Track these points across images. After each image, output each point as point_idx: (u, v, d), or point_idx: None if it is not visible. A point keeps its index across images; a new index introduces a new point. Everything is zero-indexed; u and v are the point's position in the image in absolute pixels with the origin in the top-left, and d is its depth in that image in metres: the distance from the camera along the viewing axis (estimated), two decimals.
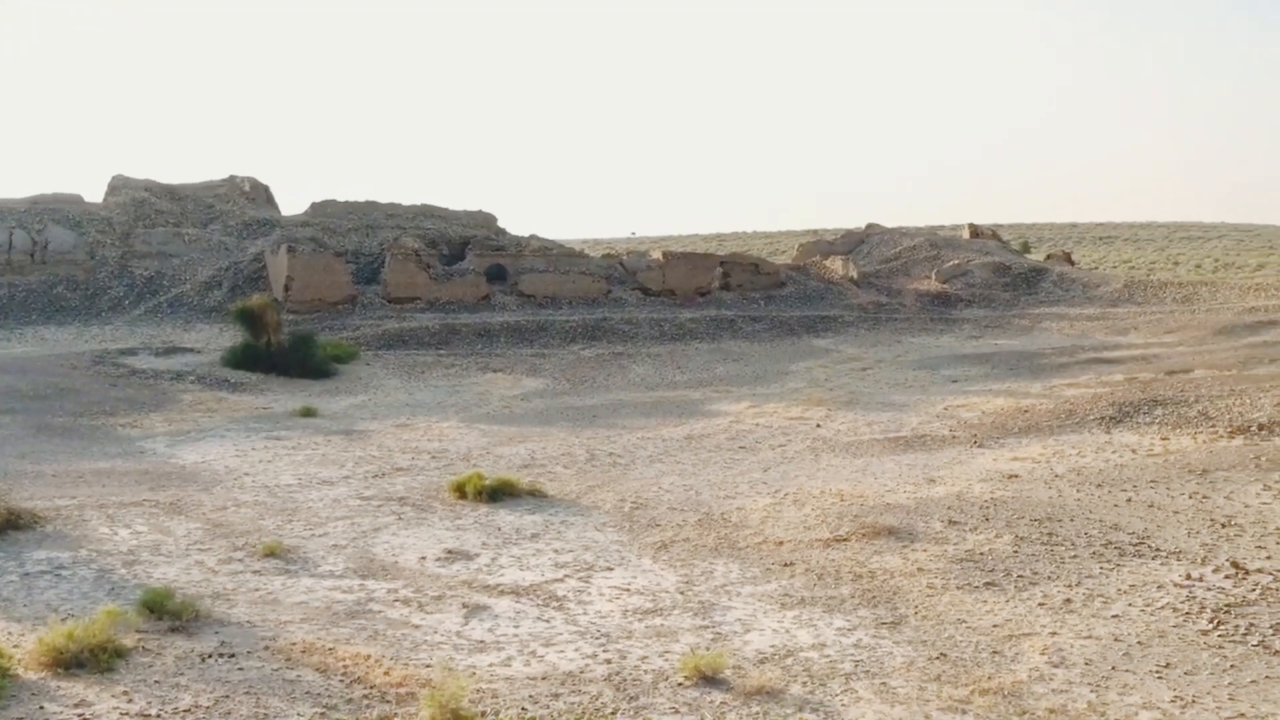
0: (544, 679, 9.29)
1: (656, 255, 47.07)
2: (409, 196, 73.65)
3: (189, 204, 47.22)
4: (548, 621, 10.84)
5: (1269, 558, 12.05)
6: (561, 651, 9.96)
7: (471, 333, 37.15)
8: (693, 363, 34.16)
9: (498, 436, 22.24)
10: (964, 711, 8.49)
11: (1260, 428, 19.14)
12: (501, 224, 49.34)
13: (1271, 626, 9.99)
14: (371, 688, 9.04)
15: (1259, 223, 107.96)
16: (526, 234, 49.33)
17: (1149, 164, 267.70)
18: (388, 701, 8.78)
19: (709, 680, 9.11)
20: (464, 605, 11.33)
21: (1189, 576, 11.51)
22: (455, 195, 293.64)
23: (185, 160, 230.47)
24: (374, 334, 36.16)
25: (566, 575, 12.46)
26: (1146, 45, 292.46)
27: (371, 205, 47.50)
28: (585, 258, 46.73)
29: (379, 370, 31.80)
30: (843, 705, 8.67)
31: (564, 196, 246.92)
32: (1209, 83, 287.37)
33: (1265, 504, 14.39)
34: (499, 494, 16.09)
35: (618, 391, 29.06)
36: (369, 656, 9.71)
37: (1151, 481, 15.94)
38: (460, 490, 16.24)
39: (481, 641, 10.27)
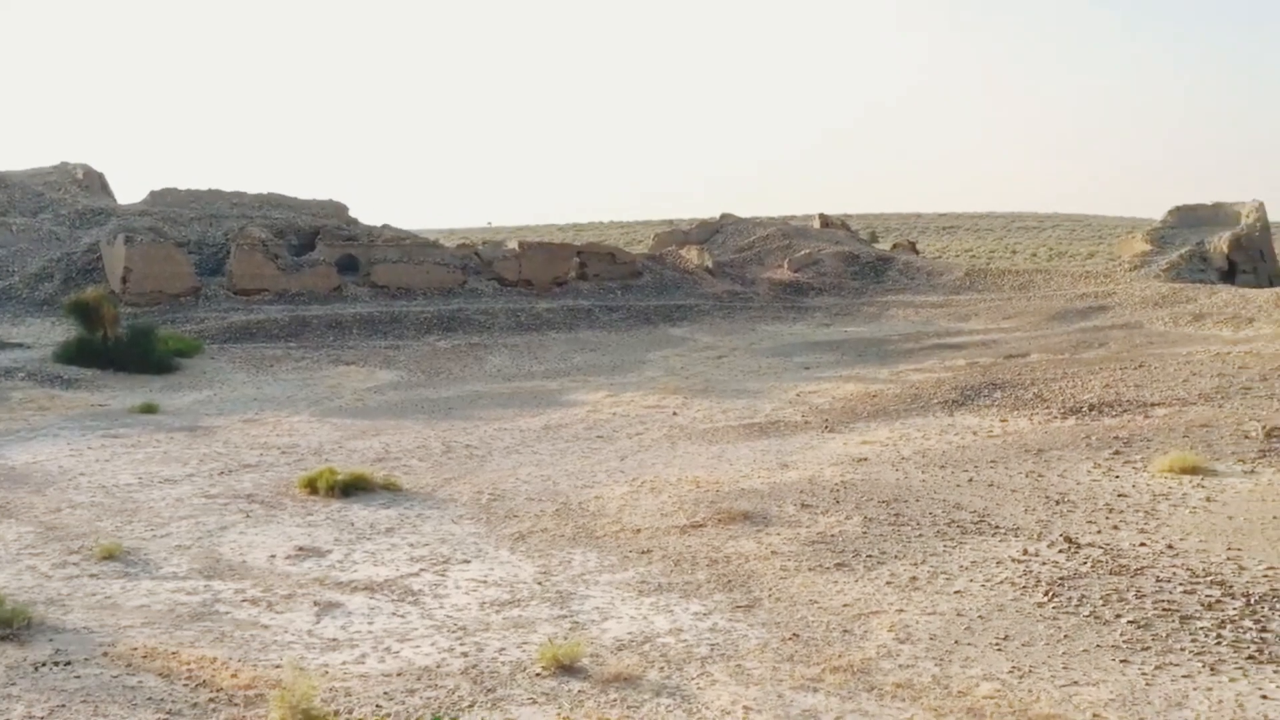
0: (399, 675, 9.15)
1: (513, 245, 46.74)
2: (255, 185, 71.39)
3: (16, 192, 44.80)
4: (403, 617, 10.69)
5: (1099, 532, 12.70)
6: (417, 646, 9.83)
7: (322, 325, 36.27)
8: (550, 353, 34.09)
9: (350, 430, 21.79)
10: (816, 690, 8.70)
11: (1090, 408, 20.15)
12: (353, 213, 48.22)
13: (1101, 598, 10.52)
14: (218, 691, 8.76)
15: (1090, 213, 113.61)
16: (379, 224, 48.31)
17: (990, 157, 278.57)
18: (235, 704, 8.52)
19: (567, 669, 9.12)
20: (316, 603, 11.07)
21: (1026, 552, 12.03)
22: (304, 184, 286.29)
23: (11, 146, 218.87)
24: (219, 327, 34.97)
25: (422, 569, 12.30)
26: (986, 43, 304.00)
27: (215, 194, 45.86)
28: (440, 248, 46.08)
29: (225, 364, 30.78)
30: (699, 689, 8.79)
31: (418, 186, 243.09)
32: (1045, 80, 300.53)
33: (1095, 481, 15.15)
34: (352, 489, 15.77)
35: (474, 383, 28.81)
36: (215, 659, 9.40)
37: (991, 461, 16.61)
38: (311, 486, 15.86)
39: (334, 639, 10.06)
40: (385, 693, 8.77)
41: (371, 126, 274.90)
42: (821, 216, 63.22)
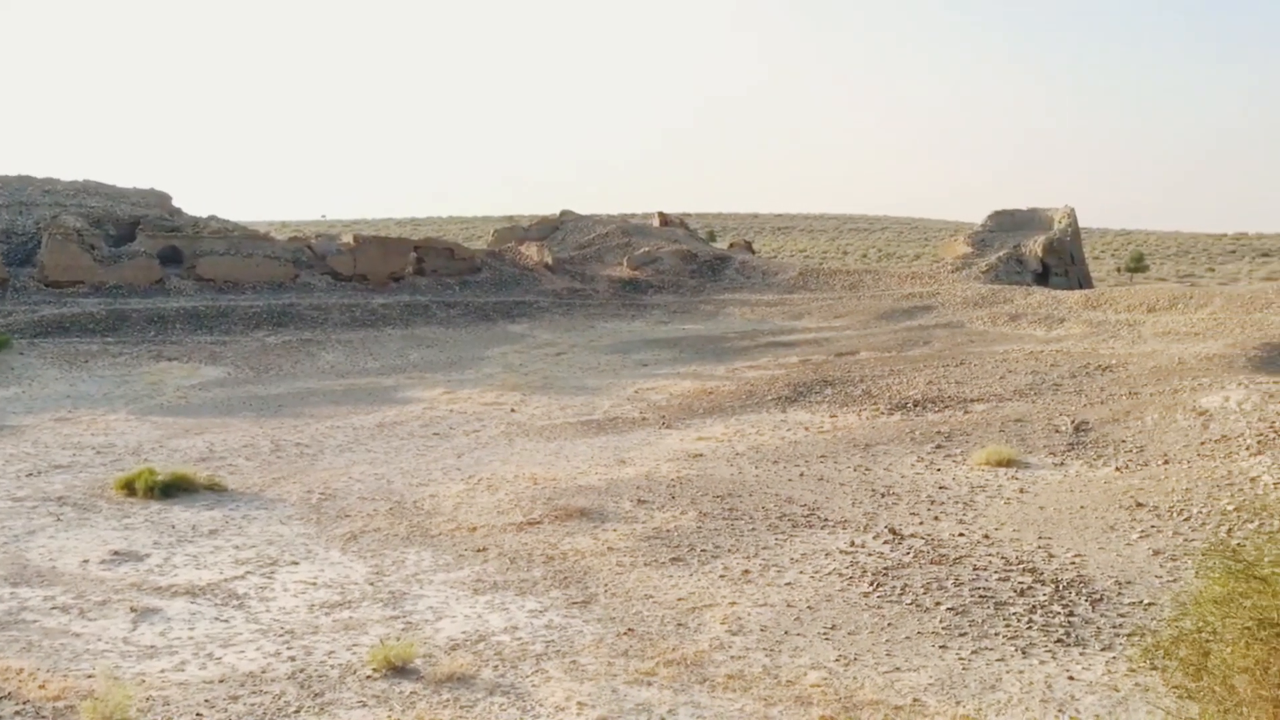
0: (222, 681, 8.82)
1: (348, 239, 45.63)
2: (69, 171, 67.77)
3: None
4: (226, 621, 10.31)
5: (921, 523, 13.19)
6: (241, 652, 9.49)
7: (143, 319, 34.68)
8: (385, 349, 33.44)
9: (173, 429, 20.91)
10: (649, 683, 8.77)
11: (915, 404, 20.93)
12: (177, 203, 46.21)
13: (923, 586, 10.93)
14: (25, 703, 8.28)
15: (917, 216, 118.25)
16: (205, 214, 46.49)
17: (824, 160, 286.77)
18: (43, 717, 8.08)
19: (399, 671, 8.96)
20: (132, 609, 10.58)
21: (853, 543, 12.41)
22: (124, 172, 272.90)
23: None
24: (29, 320, 33.07)
25: (248, 572, 11.89)
26: (821, 47, 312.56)
27: (25, 180, 43.30)
28: (270, 240, 44.63)
29: (35, 360, 29.12)
30: (533, 686, 8.75)
31: (248, 176, 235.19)
32: (880, 86, 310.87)
33: (918, 474, 15.74)
34: (173, 489, 15.16)
35: (306, 379, 28.02)
36: (21, 670, 8.89)
37: (821, 456, 17.07)
38: (129, 487, 15.17)
39: (152, 646, 9.63)
40: (206, 700, 8.44)
41: (199, 113, 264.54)
42: (661, 215, 63.81)
